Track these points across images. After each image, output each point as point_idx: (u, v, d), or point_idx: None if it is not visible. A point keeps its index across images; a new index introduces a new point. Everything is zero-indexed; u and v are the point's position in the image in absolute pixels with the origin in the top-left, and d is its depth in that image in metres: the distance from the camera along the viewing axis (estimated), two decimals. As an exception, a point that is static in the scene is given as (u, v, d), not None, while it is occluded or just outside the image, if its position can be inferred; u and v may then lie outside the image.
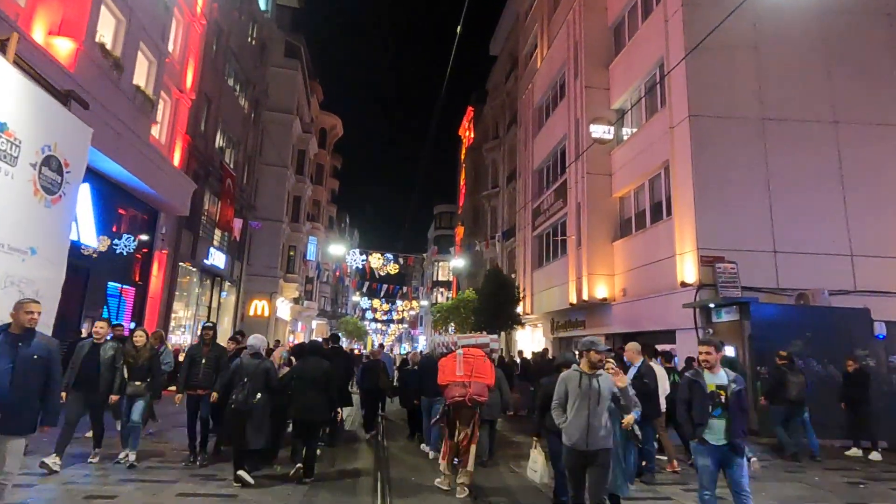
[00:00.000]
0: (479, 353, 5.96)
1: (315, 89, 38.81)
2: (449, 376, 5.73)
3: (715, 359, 4.22)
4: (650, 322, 12.99)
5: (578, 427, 4.04)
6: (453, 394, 5.59)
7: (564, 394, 4.20)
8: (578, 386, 4.12)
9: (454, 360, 5.86)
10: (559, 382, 4.30)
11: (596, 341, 4.26)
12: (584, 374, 4.16)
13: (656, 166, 13.38)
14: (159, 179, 12.58)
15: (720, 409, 4.07)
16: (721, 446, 4.05)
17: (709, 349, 4.23)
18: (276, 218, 27.06)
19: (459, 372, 5.68)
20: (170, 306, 14.58)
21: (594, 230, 15.58)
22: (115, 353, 6.05)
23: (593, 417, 4.03)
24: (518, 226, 24.82)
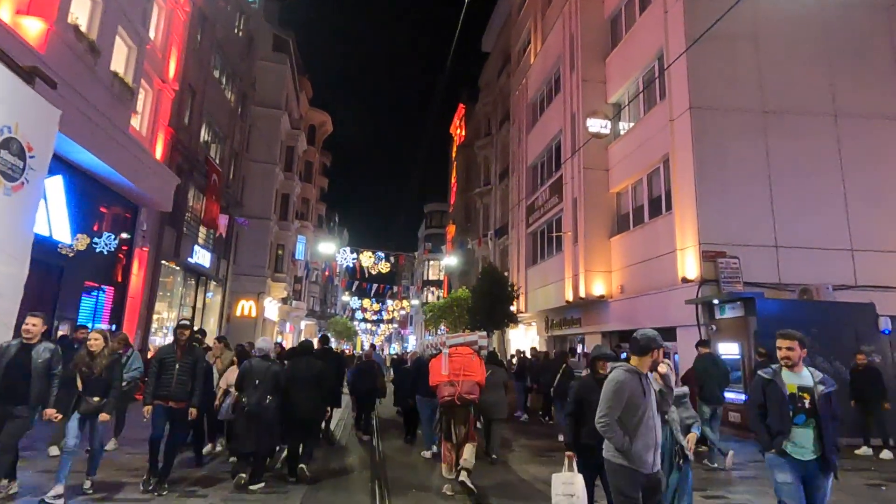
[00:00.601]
0: (466, 352, 5.92)
1: (304, 85, 38.14)
2: (437, 377, 5.71)
3: (798, 356, 3.56)
4: (649, 319, 12.65)
5: (647, 445, 3.22)
6: (443, 393, 5.58)
7: (623, 402, 3.22)
8: (643, 392, 3.26)
9: (440, 360, 5.82)
10: (612, 386, 3.26)
11: (655, 335, 3.39)
12: (642, 375, 3.32)
13: (655, 160, 13.08)
14: (140, 173, 11.99)
15: (804, 416, 3.44)
16: (808, 461, 3.41)
17: (791, 343, 3.56)
18: (263, 216, 26.42)
19: (445, 371, 5.66)
20: (151, 307, 13.97)
21: (591, 226, 15.26)
22: (52, 357, 4.75)
23: (658, 430, 3.31)
24: (511, 223, 24.47)
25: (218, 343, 7.51)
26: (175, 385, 5.34)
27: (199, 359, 5.61)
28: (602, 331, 15.27)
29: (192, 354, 5.56)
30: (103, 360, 4.99)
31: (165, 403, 5.34)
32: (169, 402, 5.34)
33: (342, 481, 6.07)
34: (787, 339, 3.60)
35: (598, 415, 3.25)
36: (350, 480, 6.14)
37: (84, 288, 11.80)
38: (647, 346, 3.36)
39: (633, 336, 3.43)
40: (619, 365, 3.39)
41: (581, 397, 4.05)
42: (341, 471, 6.56)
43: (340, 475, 6.34)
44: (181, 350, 5.51)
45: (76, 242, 11.89)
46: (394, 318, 60.41)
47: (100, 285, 12.29)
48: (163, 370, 5.41)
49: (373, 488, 5.74)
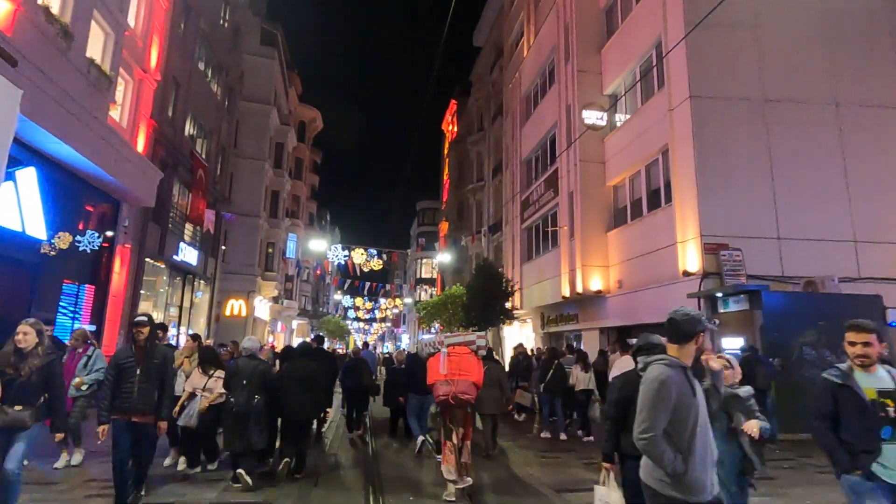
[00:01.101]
0: (464, 351, 5.90)
1: (293, 81, 37.53)
2: (434, 375, 5.71)
3: (877, 353, 2.90)
4: (649, 314, 12.39)
5: (704, 466, 2.41)
6: (439, 392, 5.60)
7: (670, 408, 2.37)
8: (692, 392, 2.44)
9: (438, 360, 5.82)
10: (654, 387, 2.41)
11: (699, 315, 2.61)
12: (687, 369, 2.50)
13: (654, 151, 12.78)
14: (120, 166, 11.46)
15: (891, 428, 2.76)
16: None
17: (868, 337, 2.89)
18: (253, 213, 25.88)
19: (443, 370, 5.64)
20: (135, 306, 13.43)
21: (588, 220, 14.95)
22: None
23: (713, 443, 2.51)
24: (505, 219, 24.13)
25: (192, 341, 6.93)
26: (137, 395, 4.44)
27: (165, 360, 4.73)
28: (600, 327, 14.98)
29: (156, 355, 4.66)
30: (35, 361, 3.99)
31: (127, 418, 4.43)
32: (131, 416, 4.45)
33: (336, 480, 6.12)
34: (863, 332, 2.89)
35: (639, 427, 2.39)
36: (343, 477, 6.25)
37: (62, 286, 11.28)
38: (691, 330, 2.49)
39: (671, 317, 2.58)
40: (656, 358, 2.54)
41: (627, 398, 3.24)
42: (335, 470, 6.60)
43: (334, 474, 6.38)
44: (141, 351, 4.59)
45: (58, 241, 11.38)
46: (387, 316, 59.92)
47: (79, 283, 11.76)
48: (121, 378, 4.48)
49: (366, 487, 5.81)
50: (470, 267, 31.79)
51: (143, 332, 4.63)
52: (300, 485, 5.69)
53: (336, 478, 6.21)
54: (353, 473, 6.45)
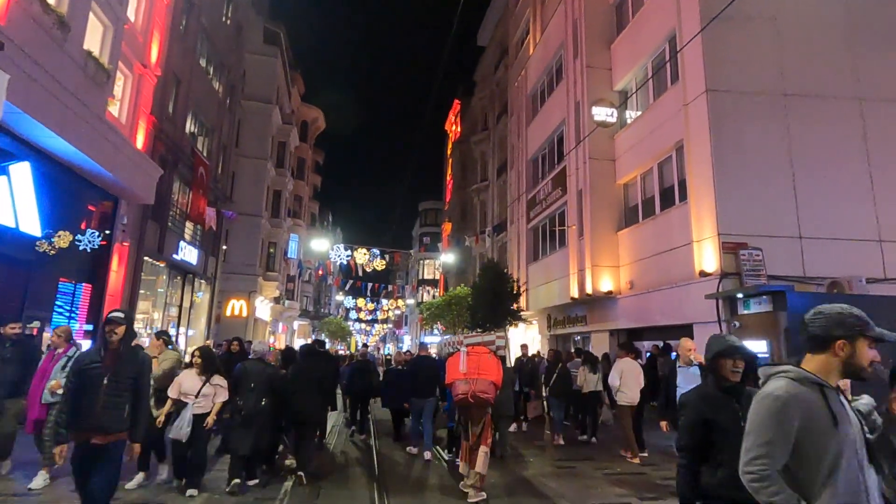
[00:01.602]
0: (483, 351, 5.89)
1: (296, 80, 37.29)
2: (454, 374, 5.68)
3: None
4: (662, 316, 12.02)
5: None
6: (458, 391, 5.56)
7: (792, 437, 1.77)
8: (833, 421, 1.77)
9: (458, 359, 5.80)
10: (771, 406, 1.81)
11: (856, 313, 1.92)
12: (829, 388, 1.83)
13: (667, 148, 12.41)
14: (118, 162, 11.12)
15: None
16: None
17: None
18: (254, 212, 25.58)
19: (463, 369, 5.62)
20: (133, 305, 13.09)
21: (597, 219, 14.58)
22: None
23: (872, 490, 1.79)
24: (510, 219, 23.77)
25: (156, 340, 5.97)
26: (101, 410, 3.48)
27: (143, 368, 3.76)
28: (610, 329, 14.59)
29: (133, 362, 3.70)
30: None
31: (85, 439, 3.51)
32: (92, 436, 3.49)
33: (341, 481, 6.12)
34: None
35: (747, 456, 1.80)
36: (349, 480, 6.21)
37: (58, 285, 10.95)
38: (836, 332, 1.85)
39: (808, 317, 1.94)
40: (781, 370, 1.90)
41: (704, 419, 2.57)
42: (339, 471, 6.64)
43: (339, 475, 6.40)
44: (112, 356, 3.61)
45: (58, 239, 11.08)
46: (388, 318, 59.54)
47: (76, 282, 11.43)
48: (83, 388, 3.54)
49: (371, 487, 5.84)
50: (473, 268, 31.45)
51: (116, 332, 3.65)
52: (309, 485, 5.72)
53: (341, 478, 6.28)
54: (357, 474, 6.52)
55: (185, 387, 5.29)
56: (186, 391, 5.26)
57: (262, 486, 5.56)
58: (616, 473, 6.52)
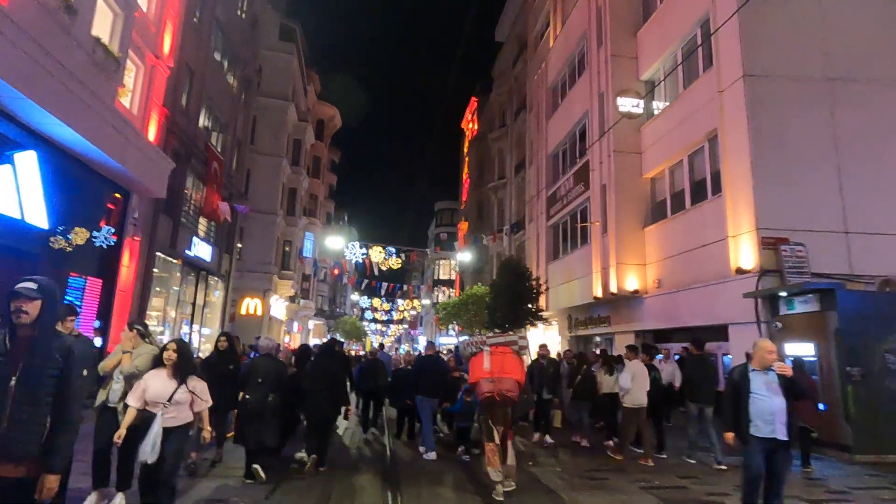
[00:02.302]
0: (506, 350, 5.87)
1: (312, 78, 37.16)
2: (478, 374, 5.69)
3: None
4: (693, 316, 11.31)
5: None
6: (483, 390, 5.55)
7: None
8: None
9: (482, 358, 5.79)
10: None
11: None
12: None
13: (699, 138, 11.71)
14: (129, 153, 10.85)
15: None
16: None
17: None
18: (269, 210, 25.37)
19: (487, 367, 5.63)
20: (144, 302, 12.85)
21: (622, 215, 13.90)
22: None
23: None
24: (529, 216, 23.14)
25: (129, 331, 4.75)
26: (8, 426, 2.34)
27: (69, 361, 2.52)
28: (635, 329, 13.90)
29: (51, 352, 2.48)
30: None
31: None
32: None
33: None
34: None
35: None
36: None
37: (68, 279, 10.70)
38: None
39: None
40: None
41: None
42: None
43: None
44: (22, 346, 2.45)
45: (74, 236, 10.91)
46: (404, 318, 59.21)
47: (86, 277, 11.18)
48: None
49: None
50: (490, 267, 30.87)
51: (25, 310, 2.45)
52: (322, 479, 5.82)
53: (355, 473, 6.34)
54: (370, 469, 6.59)
55: (153, 392, 4.03)
56: (154, 398, 4.02)
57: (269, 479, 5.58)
58: (654, 487, 5.90)
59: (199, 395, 4.19)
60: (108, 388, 4.66)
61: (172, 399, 4.05)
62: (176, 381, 4.12)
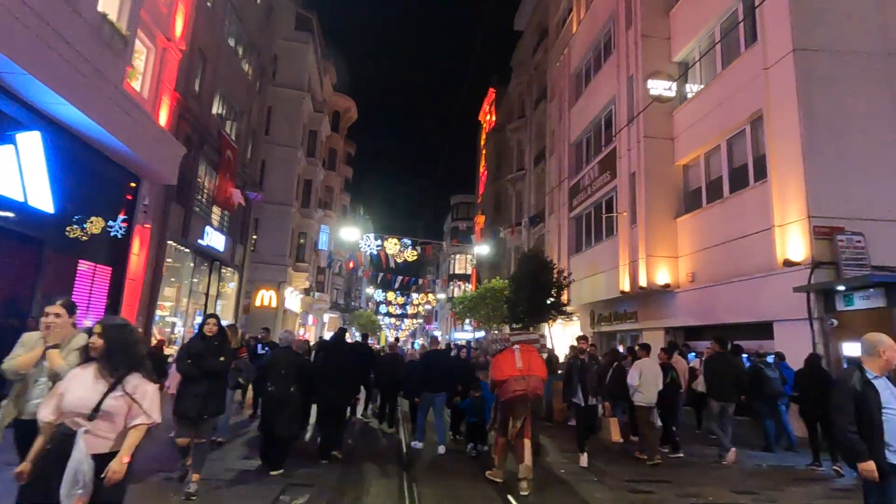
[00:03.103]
0: (532, 349, 5.96)
1: (328, 69, 36.70)
2: (508, 371, 5.64)
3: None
4: (732, 313, 10.54)
5: None
6: (515, 388, 5.54)
7: None
8: None
9: (512, 355, 5.75)
10: None
11: None
12: None
13: (740, 121, 10.88)
14: (138, 137, 10.45)
15: None
16: None
17: None
18: (285, 201, 25.02)
19: (519, 365, 5.63)
20: (155, 291, 12.50)
21: (653, 205, 13.11)
22: None
23: None
24: (549, 209, 22.40)
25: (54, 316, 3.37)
26: None
27: None
28: (665, 326, 13.15)
29: None
30: None
31: None
32: None
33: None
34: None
35: None
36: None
37: (76, 267, 10.37)
38: None
39: None
40: None
41: None
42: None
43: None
44: None
45: (90, 225, 10.59)
46: (419, 312, 58.81)
47: (95, 264, 10.83)
48: None
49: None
50: (508, 262, 30.18)
51: None
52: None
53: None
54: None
55: (71, 399, 2.63)
56: (73, 407, 2.62)
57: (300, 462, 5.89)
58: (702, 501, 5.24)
59: (141, 403, 2.69)
60: (23, 398, 3.27)
61: (100, 409, 2.60)
62: (105, 384, 2.67)
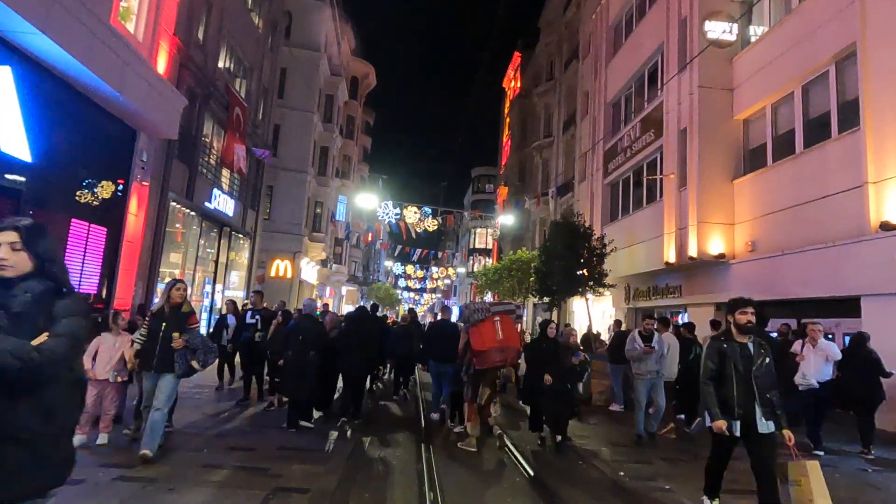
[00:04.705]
0: (510, 320, 6.06)
1: (345, 33, 35.06)
2: (490, 342, 5.70)
3: None
4: (804, 285, 9.12)
5: None
6: (495, 358, 5.71)
7: None
8: None
9: (493, 325, 5.81)
10: None
11: None
12: None
13: (822, 61, 9.22)
14: (130, 82, 9.34)
15: None
16: None
17: None
18: (300, 168, 23.96)
19: (500, 336, 5.73)
20: (157, 254, 11.60)
21: (707, 164, 11.57)
22: None
23: None
24: (580, 175, 20.86)
25: None
26: None
27: None
28: (716, 301, 11.76)
29: None
30: None
31: None
32: None
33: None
34: None
35: None
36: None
37: (69, 226, 9.46)
38: None
39: None
40: None
41: None
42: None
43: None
44: None
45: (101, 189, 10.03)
46: (437, 287, 58.01)
47: (89, 223, 9.91)
48: None
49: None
50: (532, 234, 28.76)
51: None
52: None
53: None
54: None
55: None
56: None
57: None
58: None
59: None
60: None
61: None
62: None
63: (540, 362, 6.02)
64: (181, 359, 4.63)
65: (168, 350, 4.64)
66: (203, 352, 4.77)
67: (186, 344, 4.66)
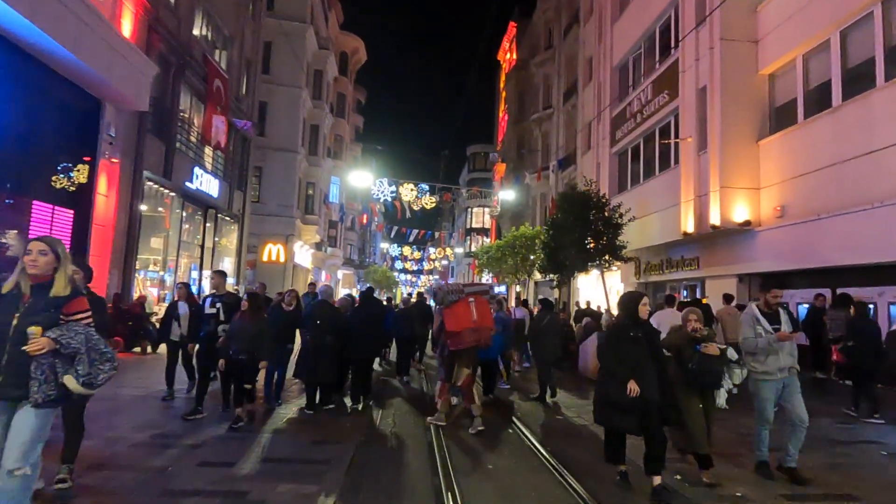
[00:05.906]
0: (484, 300, 6.05)
1: (333, 4, 33.49)
2: (465, 323, 5.67)
3: None
4: (844, 252, 8.31)
5: None
6: (469, 339, 5.68)
7: None
8: None
9: (468, 306, 5.75)
10: None
11: None
12: None
13: (863, 2, 8.24)
14: (87, 43, 8.29)
15: None
16: None
17: None
18: (290, 147, 22.83)
19: (474, 317, 5.70)
20: (132, 239, 10.64)
21: (730, 125, 10.63)
22: None
23: None
24: (584, 146, 19.87)
25: None
26: None
27: None
28: (738, 273, 10.98)
29: None
30: None
31: None
32: None
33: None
34: None
35: None
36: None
37: (31, 208, 8.50)
38: None
39: None
40: None
41: None
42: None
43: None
44: None
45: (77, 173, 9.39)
46: (435, 268, 57.22)
47: (54, 206, 8.95)
48: None
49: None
50: (532, 211, 27.84)
51: None
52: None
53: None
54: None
55: None
56: None
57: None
58: None
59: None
60: None
61: None
62: None
63: (629, 361, 3.74)
64: (43, 374, 2.43)
65: (20, 359, 2.42)
66: (87, 360, 2.52)
67: (56, 346, 2.46)
